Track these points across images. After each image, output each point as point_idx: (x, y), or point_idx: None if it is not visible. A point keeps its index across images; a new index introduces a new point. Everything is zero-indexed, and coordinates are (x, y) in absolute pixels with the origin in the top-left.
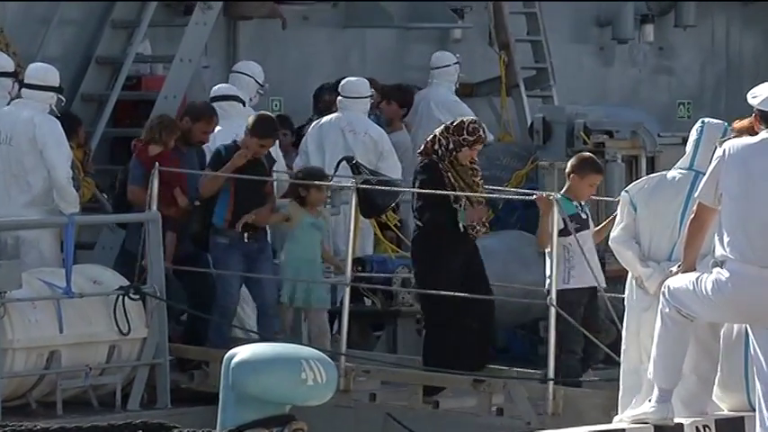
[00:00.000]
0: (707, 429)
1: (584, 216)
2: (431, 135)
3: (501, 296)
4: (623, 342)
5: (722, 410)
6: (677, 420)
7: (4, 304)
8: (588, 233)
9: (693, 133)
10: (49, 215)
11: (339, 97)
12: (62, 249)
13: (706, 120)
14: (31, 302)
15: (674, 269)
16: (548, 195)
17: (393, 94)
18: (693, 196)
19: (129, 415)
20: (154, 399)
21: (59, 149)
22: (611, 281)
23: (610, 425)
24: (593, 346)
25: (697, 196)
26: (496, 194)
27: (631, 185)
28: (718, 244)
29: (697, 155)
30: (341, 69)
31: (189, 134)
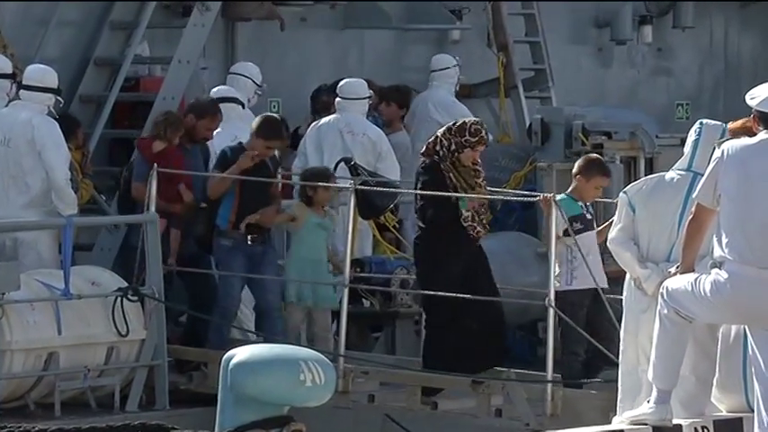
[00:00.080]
0: (705, 430)
1: (589, 217)
2: (432, 136)
3: (499, 297)
4: (621, 343)
5: (721, 411)
6: (676, 421)
7: (3, 306)
8: (593, 234)
9: (692, 134)
10: (48, 216)
11: (337, 98)
12: (60, 251)
13: (704, 121)
14: (30, 304)
15: (673, 270)
16: (548, 197)
17: (392, 96)
18: (692, 197)
19: (128, 416)
20: (152, 400)
21: (58, 151)
22: (609, 282)
23: (608, 426)
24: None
25: (695, 197)
26: (496, 196)
27: (630, 186)
28: (716, 245)
29: (695, 156)
30: (339, 70)
31: (193, 131)
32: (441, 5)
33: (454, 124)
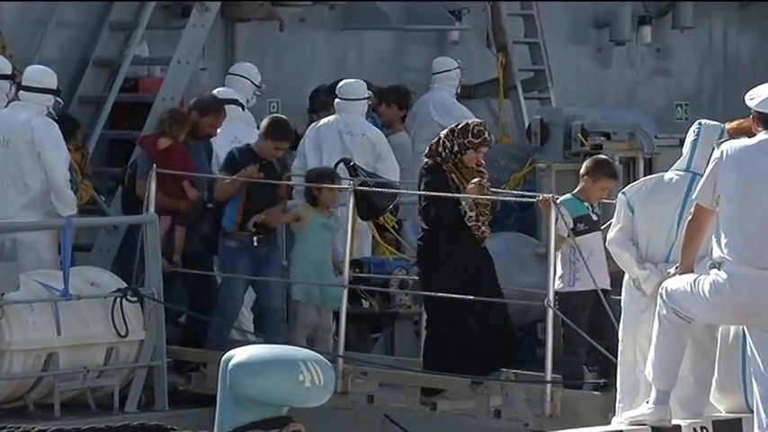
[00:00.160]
0: (704, 431)
1: (594, 218)
2: (436, 137)
3: (498, 298)
4: (620, 344)
5: (720, 412)
6: (675, 422)
7: (2, 306)
8: (598, 235)
9: (690, 135)
10: (47, 217)
11: (337, 99)
12: (60, 251)
13: (703, 121)
14: (29, 304)
15: (672, 271)
16: (546, 197)
17: (392, 97)
18: (691, 198)
19: (127, 417)
20: (151, 401)
21: (57, 152)
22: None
23: (608, 426)
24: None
25: (695, 198)
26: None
27: (628, 187)
28: (715, 245)
29: (694, 156)
30: (338, 71)
31: (196, 128)
32: (440, 6)
33: (457, 126)
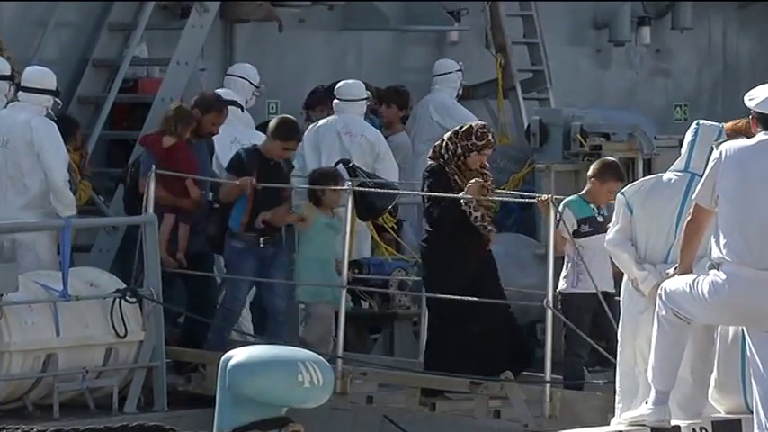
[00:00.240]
0: (704, 431)
1: (600, 219)
2: (440, 140)
3: (500, 300)
4: (619, 344)
5: (719, 413)
6: (674, 422)
7: (1, 307)
8: (603, 237)
9: (688, 135)
10: (46, 218)
11: (335, 100)
12: (59, 252)
13: (701, 122)
14: (28, 305)
15: (671, 271)
16: (546, 198)
17: (391, 98)
18: (690, 198)
19: (126, 418)
20: (151, 401)
21: (56, 152)
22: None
23: (607, 427)
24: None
25: (694, 198)
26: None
27: (627, 187)
28: (714, 246)
29: (692, 157)
30: (337, 72)
31: (199, 126)
32: (439, 7)
33: (461, 128)
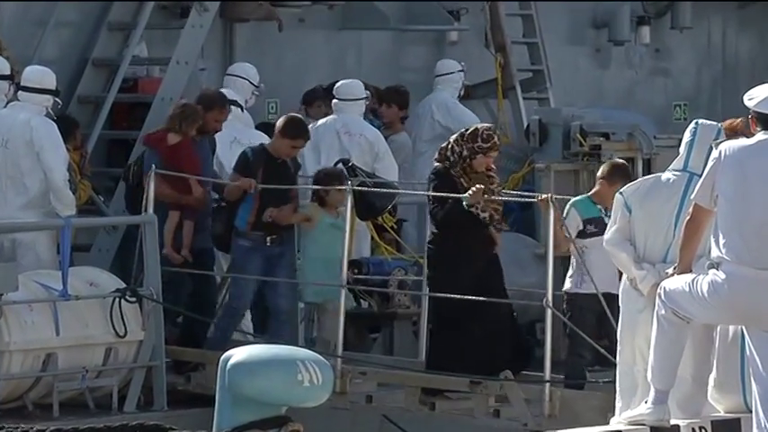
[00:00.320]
0: (703, 431)
1: (606, 221)
2: (445, 142)
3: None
4: (618, 344)
5: (719, 412)
6: (674, 422)
7: (1, 306)
8: None
9: (687, 134)
10: (46, 217)
11: (334, 100)
12: (59, 251)
13: (699, 121)
14: (28, 305)
15: (670, 271)
16: (545, 197)
17: (392, 97)
18: (688, 198)
19: (126, 417)
20: (150, 401)
21: (56, 152)
22: None
23: (606, 426)
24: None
25: (693, 198)
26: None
27: (626, 187)
28: (713, 245)
29: (691, 156)
30: (337, 71)
31: (202, 123)
32: (438, 6)
33: (466, 130)
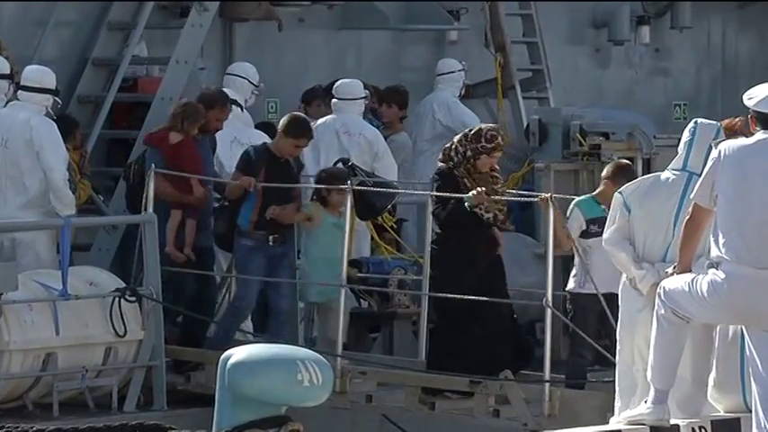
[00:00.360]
0: (703, 430)
1: None
2: (449, 142)
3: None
4: (618, 343)
5: (718, 412)
6: (673, 421)
7: (1, 306)
8: None
9: (686, 134)
10: (46, 217)
11: (333, 99)
12: (58, 251)
13: (699, 120)
14: (28, 304)
15: (670, 270)
16: (545, 197)
17: (392, 97)
18: (688, 197)
19: (126, 417)
20: (150, 400)
21: (56, 151)
22: None
23: (606, 426)
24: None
25: (693, 197)
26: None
27: (625, 186)
28: (713, 245)
29: (690, 155)
30: (337, 71)
31: (203, 122)
32: (438, 6)
33: (470, 131)
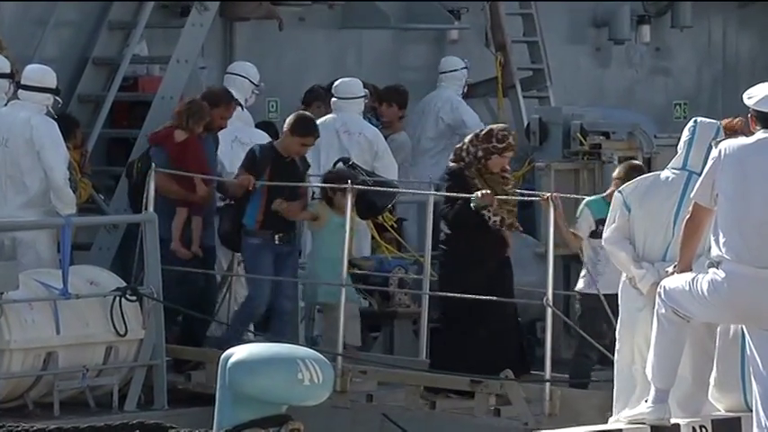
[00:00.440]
0: (703, 430)
1: None
2: (460, 143)
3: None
4: (617, 342)
5: (719, 411)
6: (674, 421)
7: (1, 305)
8: None
9: (686, 133)
10: (46, 216)
11: (333, 99)
12: (59, 250)
13: (698, 119)
14: (28, 303)
15: (670, 269)
16: (548, 196)
17: (392, 97)
18: (689, 196)
19: (126, 416)
20: (151, 399)
21: (56, 151)
22: None
23: (606, 425)
24: None
25: (693, 197)
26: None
27: (625, 186)
28: (713, 244)
29: (690, 154)
30: (337, 70)
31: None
32: (439, 5)
33: (481, 131)
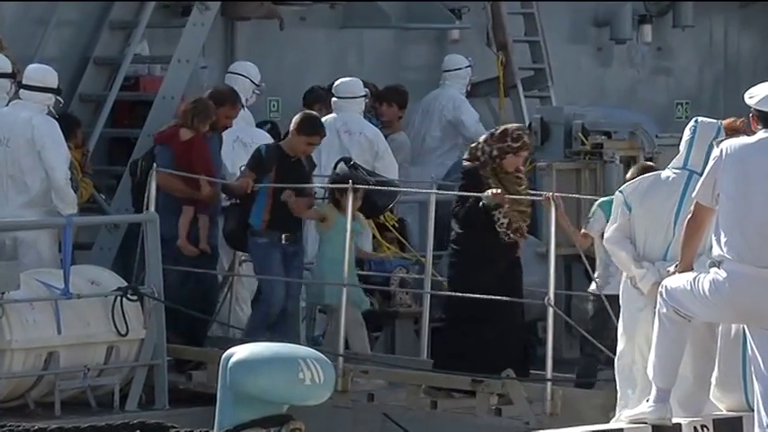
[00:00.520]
0: (705, 429)
1: None
2: (475, 142)
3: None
4: (618, 342)
5: (720, 411)
6: (675, 420)
7: (2, 305)
8: None
9: (687, 132)
10: (47, 216)
11: (333, 98)
12: (60, 250)
13: (699, 119)
14: (30, 303)
15: (671, 269)
16: (547, 196)
17: (393, 97)
18: (690, 196)
19: (127, 415)
20: (152, 399)
21: (58, 150)
22: None
23: (608, 425)
24: None
25: (694, 196)
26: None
27: (626, 185)
28: (715, 244)
29: (691, 154)
30: (338, 70)
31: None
32: (440, 5)
33: (496, 130)
